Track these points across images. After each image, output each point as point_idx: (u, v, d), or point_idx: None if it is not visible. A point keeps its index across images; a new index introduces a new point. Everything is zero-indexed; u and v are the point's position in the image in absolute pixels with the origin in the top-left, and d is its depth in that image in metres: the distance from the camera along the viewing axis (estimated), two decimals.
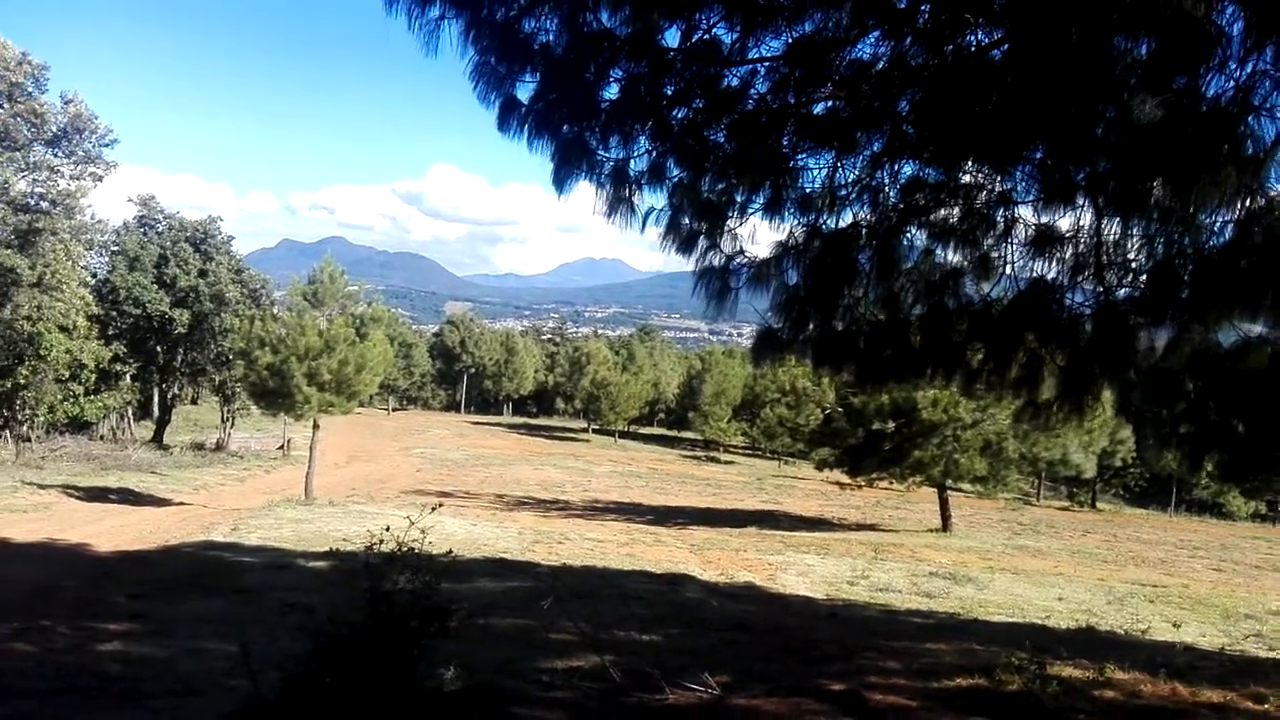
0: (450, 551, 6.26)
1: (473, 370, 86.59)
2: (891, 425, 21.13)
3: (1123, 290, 5.60)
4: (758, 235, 6.15)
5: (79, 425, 36.46)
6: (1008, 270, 6.06)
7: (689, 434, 70.07)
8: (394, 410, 79.88)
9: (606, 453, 54.53)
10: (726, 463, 56.15)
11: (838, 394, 22.30)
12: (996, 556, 19.30)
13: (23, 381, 30.86)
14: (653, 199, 5.95)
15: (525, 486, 33.21)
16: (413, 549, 5.60)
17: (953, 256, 6.20)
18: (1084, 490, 44.06)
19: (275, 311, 25.64)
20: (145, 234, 40.33)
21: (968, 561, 17.62)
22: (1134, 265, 5.22)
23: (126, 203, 41.75)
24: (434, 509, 6.32)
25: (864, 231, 6.03)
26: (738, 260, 5.53)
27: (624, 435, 68.83)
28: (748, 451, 64.29)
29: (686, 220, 6.07)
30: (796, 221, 6.00)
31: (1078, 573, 17.50)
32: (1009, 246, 6.02)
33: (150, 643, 7.83)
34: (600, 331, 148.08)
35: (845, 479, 24.95)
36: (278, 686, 5.12)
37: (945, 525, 23.56)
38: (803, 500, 34.38)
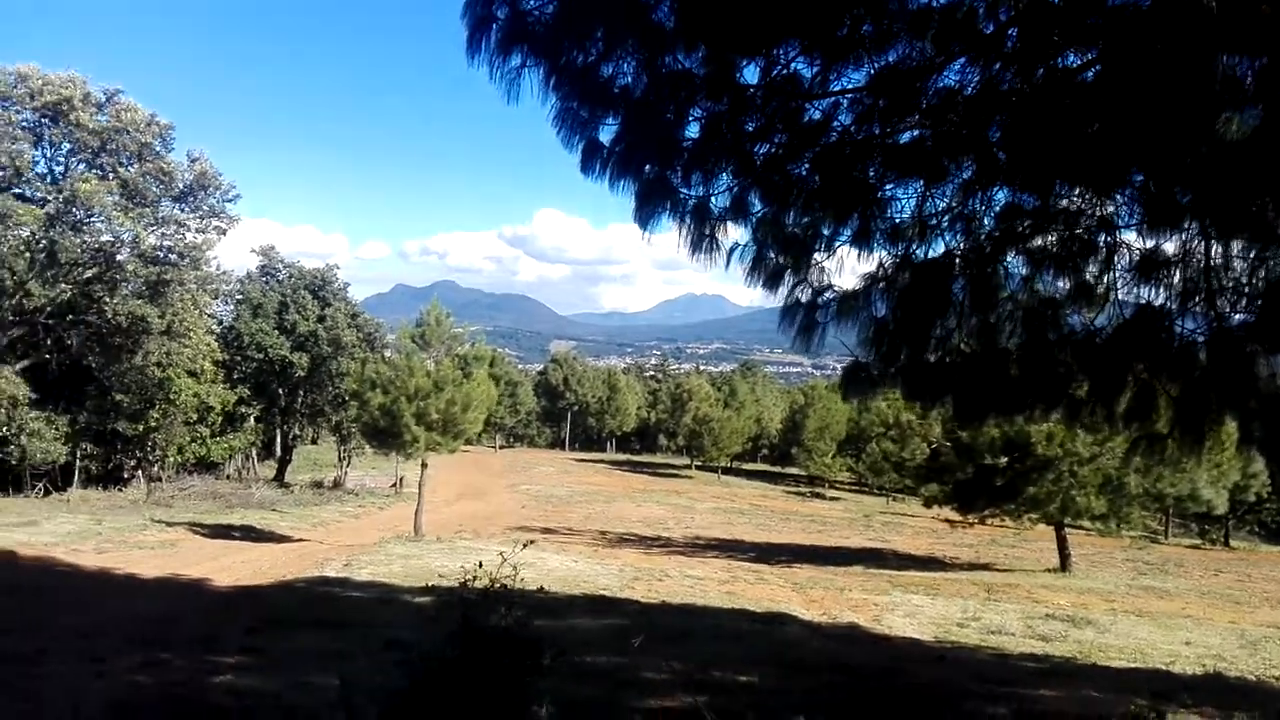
0: (542, 588, 6.33)
1: (576, 408, 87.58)
2: (1003, 460, 20.31)
3: (1237, 316, 5.30)
4: (845, 269, 6.08)
5: (206, 465, 38.45)
6: (1112, 297, 5.83)
7: (793, 470, 69.00)
8: (501, 447, 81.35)
9: (709, 489, 54.17)
10: (831, 499, 55.00)
11: (944, 427, 21.60)
12: (1119, 598, 18.26)
13: (154, 424, 32.80)
14: (737, 234, 5.95)
15: (627, 523, 33.24)
16: (505, 585, 5.68)
17: (1052, 285, 5.99)
18: (1216, 527, 41.27)
19: (387, 354, 26.59)
20: (267, 282, 42.48)
21: (1088, 603, 16.72)
22: (1246, 289, 4.93)
23: (249, 253, 44.18)
24: (526, 545, 6.40)
25: (957, 261, 5.88)
26: (825, 295, 5.46)
27: (727, 471, 68.29)
28: (853, 488, 62.84)
29: (772, 255, 6.03)
30: (886, 252, 5.90)
31: (1207, 615, 16.38)
32: (1112, 273, 5.79)
33: (259, 676, 8.11)
34: (702, 368, 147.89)
35: (955, 516, 24.08)
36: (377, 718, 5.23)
37: (1064, 565, 22.43)
38: (911, 538, 33.34)
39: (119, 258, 29.62)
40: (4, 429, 28.30)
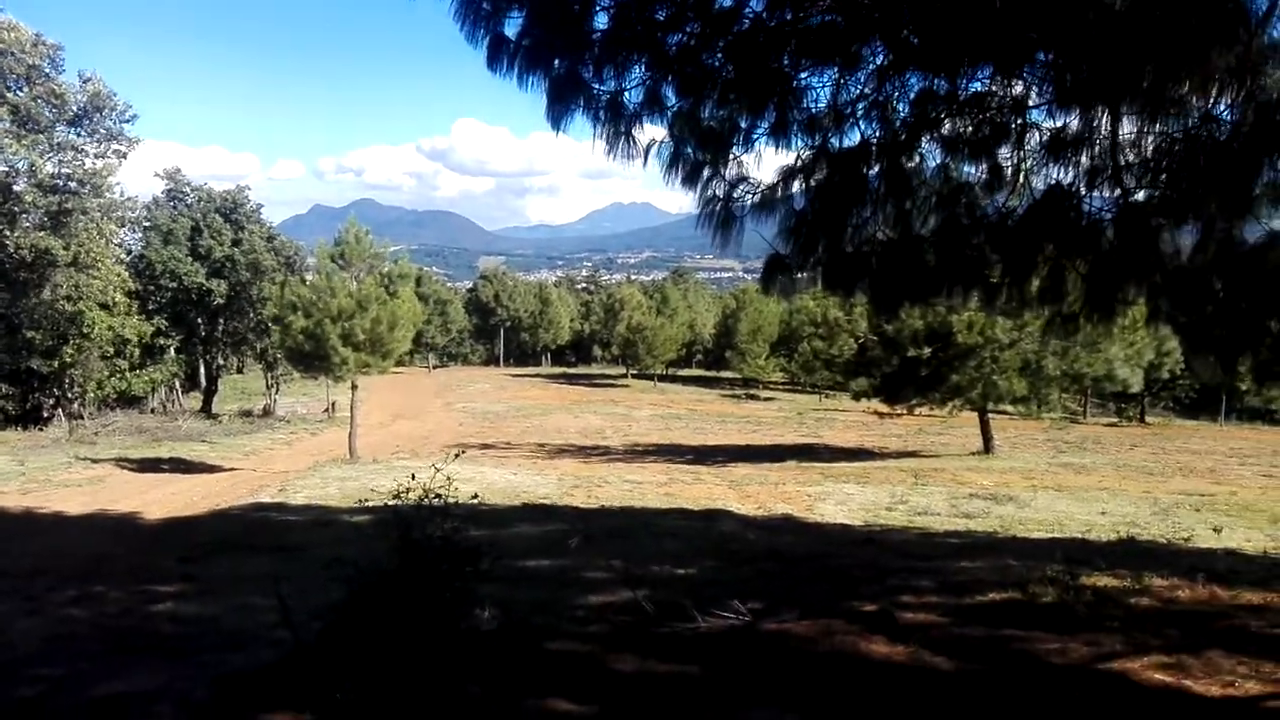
0: (476, 495, 6.35)
1: (509, 324, 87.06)
2: (927, 351, 20.88)
3: (1142, 192, 5.43)
4: (764, 163, 6.04)
5: (129, 400, 37.41)
6: (1023, 179, 5.92)
7: (727, 373, 70.07)
8: (435, 368, 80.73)
9: (646, 397, 54.76)
10: (766, 400, 56.12)
11: (870, 323, 22.05)
12: (1039, 475, 19.16)
13: (69, 360, 31.68)
14: (654, 131, 5.85)
15: (566, 435, 33.51)
16: (439, 495, 5.70)
17: (966, 170, 6.05)
18: (1132, 405, 43.38)
19: (308, 278, 25.91)
20: (175, 208, 40.77)
21: (1010, 482, 17.52)
22: (1151, 165, 5.04)
23: (154, 177, 42.19)
24: (459, 454, 6.40)
25: (873, 149, 5.89)
26: (742, 187, 5.42)
27: (663, 378, 69.02)
28: (787, 387, 64.18)
29: (689, 151, 5.95)
30: (804, 144, 5.87)
31: (1123, 487, 17.33)
32: (1023, 154, 5.86)
33: (199, 602, 8.07)
34: (634, 277, 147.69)
35: (884, 408, 24.81)
36: (317, 633, 5.27)
37: (987, 447, 23.39)
38: (843, 432, 34.33)
39: (15, 188, 28.06)
40: None
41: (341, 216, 23.27)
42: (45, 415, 33.49)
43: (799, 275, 5.57)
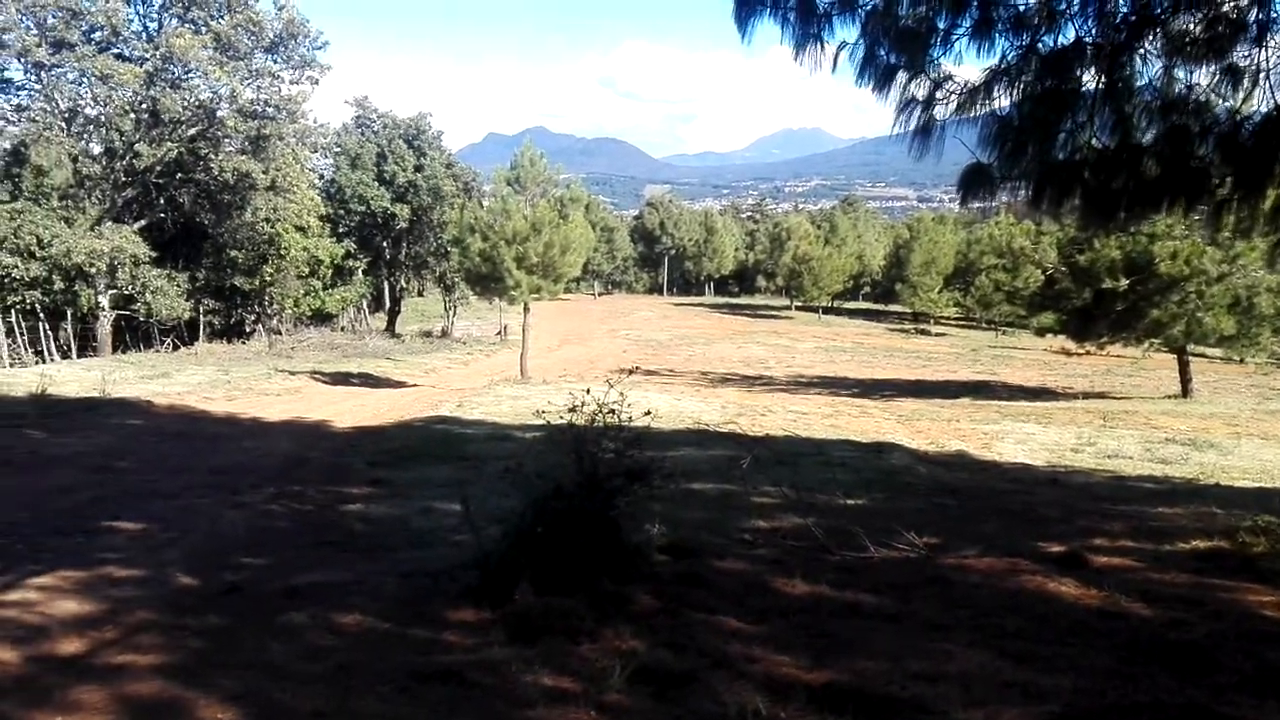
0: (649, 412, 6.35)
1: (673, 252, 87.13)
2: (1124, 283, 19.25)
3: None
4: (963, 67, 5.58)
5: (322, 318, 40.08)
6: (1262, 83, 5.22)
7: (896, 307, 67.65)
8: (600, 295, 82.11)
9: (810, 329, 53.78)
10: (938, 335, 53.96)
11: (1060, 252, 20.53)
12: (1244, 422, 17.53)
13: (268, 279, 34.26)
14: (844, 33, 5.50)
15: (728, 364, 33.42)
16: (613, 411, 5.72)
17: (1194, 72, 5.40)
18: None
19: (484, 202, 26.69)
20: (363, 133, 42.66)
21: (1210, 428, 16.12)
22: None
23: (344, 104, 44.24)
24: (631, 372, 6.41)
25: (1088, 49, 5.32)
26: (945, 87, 5.01)
27: (827, 311, 67.49)
28: (960, 323, 61.39)
29: (883, 54, 5.57)
30: (1010, 45, 5.38)
31: None
32: (1264, 54, 5.16)
33: (387, 504, 8.56)
34: (801, 206, 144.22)
35: (1071, 346, 23.25)
36: (497, 537, 5.44)
37: (1185, 391, 21.56)
38: (1021, 370, 32.57)
39: (219, 113, 30.19)
40: (129, 287, 29.94)
41: (515, 144, 23.69)
42: (248, 330, 36.43)
43: (1003, 186, 5.14)
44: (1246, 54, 5.29)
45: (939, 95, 5.02)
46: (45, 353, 28.59)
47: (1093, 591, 5.18)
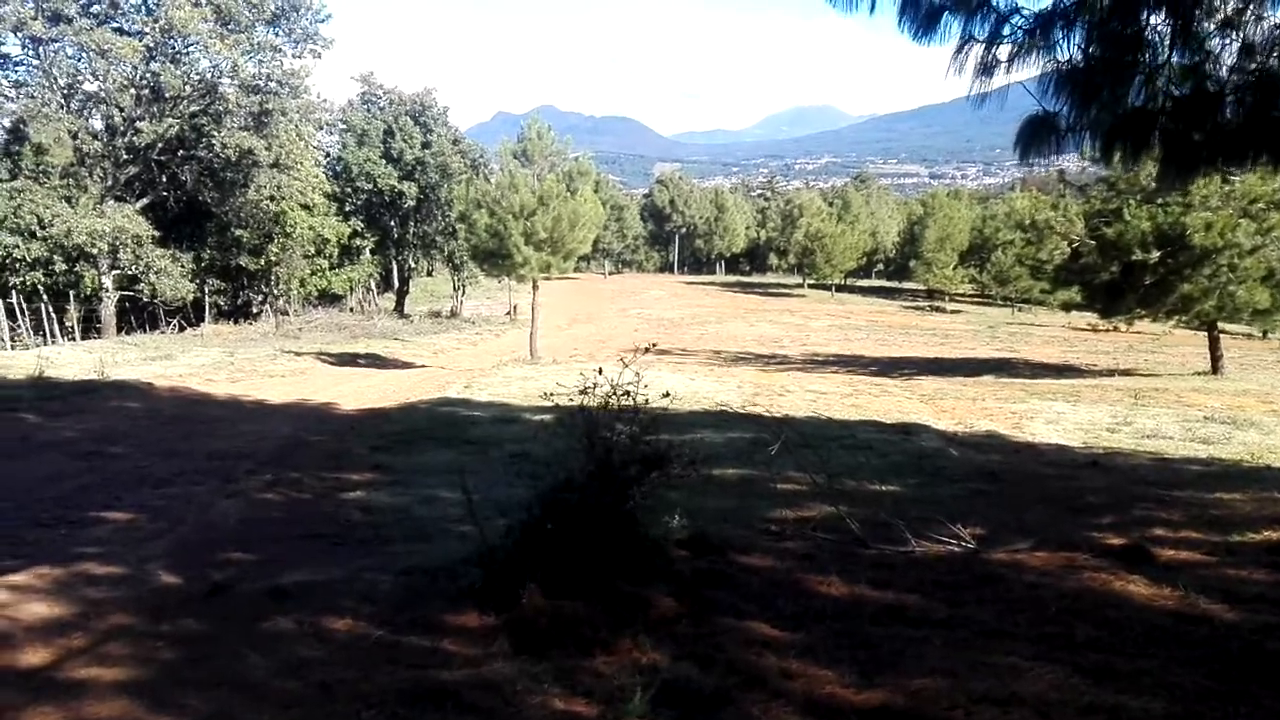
0: (668, 393, 5.82)
1: (684, 230, 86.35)
2: (1155, 255, 18.54)
3: None
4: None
5: (329, 298, 39.66)
6: None
7: (910, 285, 66.83)
8: (610, 274, 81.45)
9: (823, 307, 53.11)
10: (953, 312, 53.17)
11: (1088, 224, 19.80)
12: (1279, 399, 16.89)
13: (274, 258, 33.79)
14: None
15: (741, 342, 32.86)
16: (628, 393, 5.20)
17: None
18: None
19: (492, 179, 26.10)
20: (369, 110, 42.01)
21: (1245, 405, 15.48)
22: None
23: (350, 80, 43.58)
24: (648, 349, 5.87)
25: None
26: (1014, 20, 4.39)
27: (840, 289, 66.70)
28: (976, 300, 60.55)
29: None
30: None
31: None
32: None
33: (388, 491, 8.08)
34: (812, 183, 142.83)
35: (1097, 321, 22.55)
36: (502, 531, 4.95)
37: (1215, 367, 20.87)
38: (1041, 347, 31.87)
39: (220, 88, 29.61)
40: (132, 267, 29.51)
41: (524, 122, 23.08)
42: (254, 311, 36.03)
43: (1068, 137, 4.55)
44: None
45: (1007, 30, 4.39)
46: (48, 335, 28.22)
47: (1166, 591, 4.64)
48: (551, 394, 5.47)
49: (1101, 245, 19.42)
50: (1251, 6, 4.77)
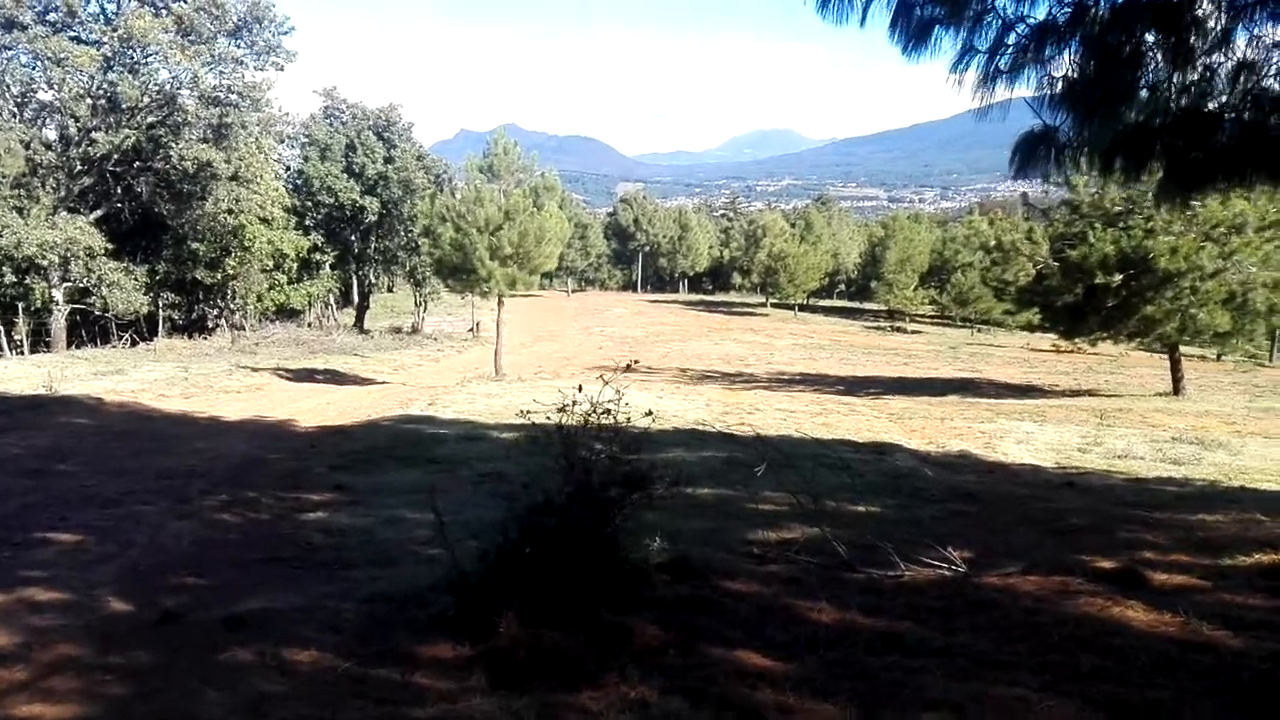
0: (650, 412, 5.61)
1: (647, 249, 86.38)
2: (1118, 278, 18.76)
3: None
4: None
5: (287, 313, 38.88)
6: None
7: (871, 305, 67.40)
8: (573, 292, 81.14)
9: (786, 326, 53.28)
10: (913, 332, 53.65)
11: (1052, 247, 20.01)
12: (1240, 420, 17.10)
13: (231, 272, 33.02)
14: None
15: (707, 361, 32.75)
16: (608, 410, 4.98)
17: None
18: None
19: (456, 195, 25.78)
20: (331, 124, 41.43)
21: (1210, 426, 15.64)
22: None
23: (311, 94, 42.97)
24: (627, 368, 5.66)
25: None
26: (1019, 28, 4.27)
27: (803, 308, 67.01)
28: (936, 320, 61.21)
29: (919, 6, 4.86)
30: None
31: None
32: None
33: (350, 512, 7.77)
34: (773, 205, 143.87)
35: (1060, 342, 22.75)
36: (475, 555, 4.70)
37: (1177, 389, 21.14)
38: (1002, 367, 32.17)
39: (180, 100, 28.97)
40: (84, 280, 28.65)
41: (488, 140, 22.84)
42: (210, 326, 35.19)
43: (1067, 151, 4.43)
44: None
45: (1010, 39, 4.27)
46: None
47: (1166, 617, 4.52)
48: (528, 411, 5.24)
49: (1065, 267, 19.63)
50: (1241, 24, 4.72)
